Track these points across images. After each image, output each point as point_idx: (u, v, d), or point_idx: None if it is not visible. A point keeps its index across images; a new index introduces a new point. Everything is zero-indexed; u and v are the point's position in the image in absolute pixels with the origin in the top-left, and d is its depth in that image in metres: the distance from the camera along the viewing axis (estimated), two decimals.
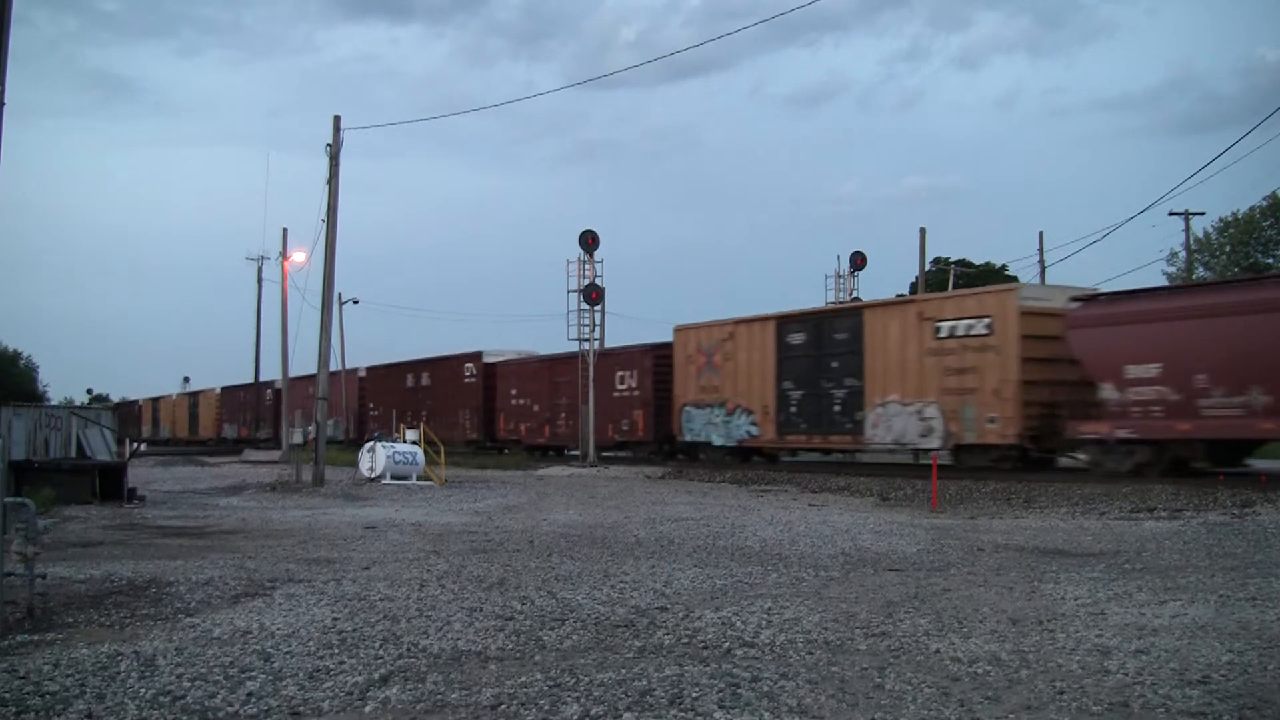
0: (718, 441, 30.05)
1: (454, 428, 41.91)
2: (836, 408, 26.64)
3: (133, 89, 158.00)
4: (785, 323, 28.38)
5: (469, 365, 42.36)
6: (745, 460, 29.91)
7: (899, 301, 28.67)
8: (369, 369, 51.43)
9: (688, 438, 31.36)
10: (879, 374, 25.36)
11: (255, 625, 7.62)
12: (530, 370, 39.32)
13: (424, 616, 7.95)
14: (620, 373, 34.18)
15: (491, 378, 40.99)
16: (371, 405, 49.82)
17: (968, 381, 23.13)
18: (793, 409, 27.87)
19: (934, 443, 23.78)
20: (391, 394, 48.04)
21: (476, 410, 41.56)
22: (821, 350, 27.02)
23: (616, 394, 34.17)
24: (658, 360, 32.96)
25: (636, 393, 33.65)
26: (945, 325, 23.75)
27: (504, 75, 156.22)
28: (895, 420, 24.84)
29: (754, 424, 28.90)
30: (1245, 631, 7.27)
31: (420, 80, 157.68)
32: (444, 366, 44.33)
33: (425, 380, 45.69)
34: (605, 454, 34.75)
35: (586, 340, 34.14)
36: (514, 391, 39.68)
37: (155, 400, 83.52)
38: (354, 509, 19.16)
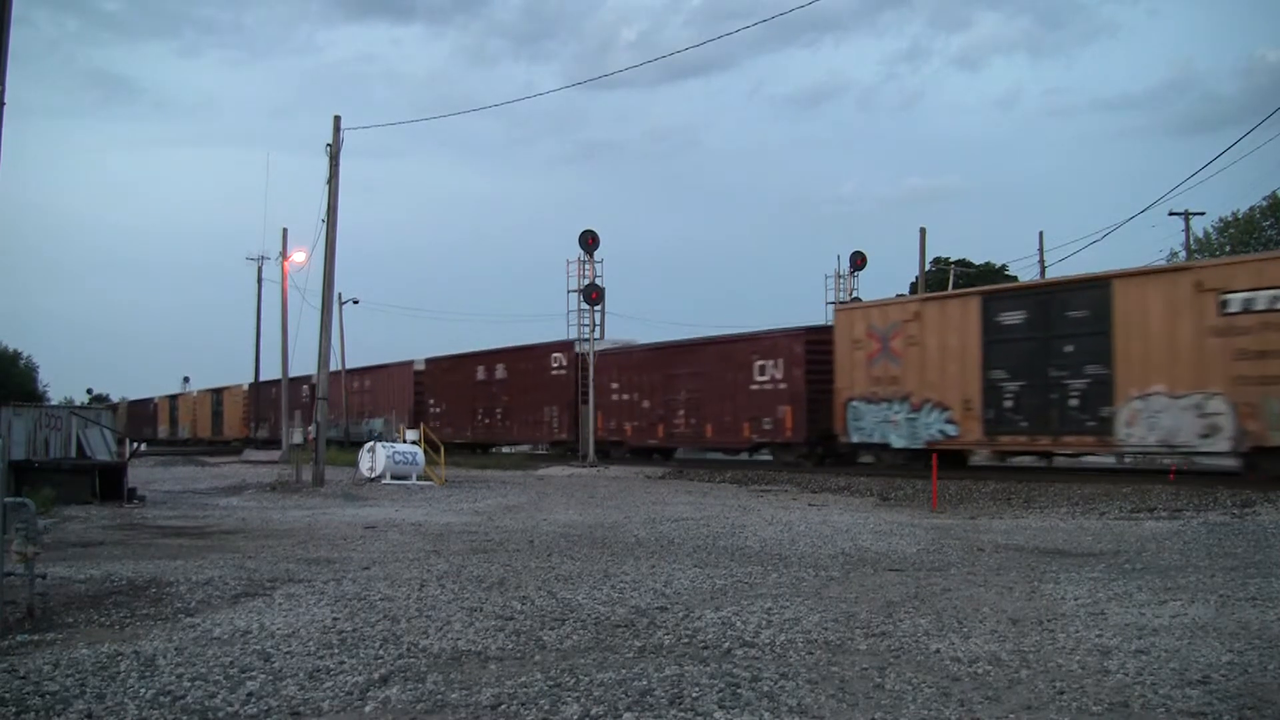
0: (898, 442, 25.04)
1: (537, 427, 38.08)
2: (1073, 402, 21.66)
3: (133, 89, 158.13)
4: (995, 299, 23.69)
5: (557, 355, 37.05)
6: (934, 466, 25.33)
7: (1165, 269, 24.14)
8: (428, 361, 46.00)
9: (855, 438, 26.34)
10: (1135, 359, 20.57)
11: (255, 625, 7.62)
12: (637, 360, 34.02)
13: (424, 616, 7.95)
14: (760, 361, 28.92)
15: (587, 369, 35.00)
16: (432, 402, 45.02)
17: (1271, 368, 18.53)
18: (1007, 403, 22.90)
19: (1220, 445, 19.38)
20: (456, 389, 43.16)
21: (567, 407, 36.34)
22: (1050, 331, 22.15)
23: (755, 386, 28.97)
24: (812, 346, 27.78)
25: (783, 385, 28.27)
26: (1236, 298, 19.10)
27: (505, 76, 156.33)
28: (1162, 417, 20.21)
29: (949, 421, 23.92)
30: (1245, 631, 7.27)
31: (421, 81, 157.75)
32: (525, 357, 39.08)
33: (500, 373, 40.44)
34: (738, 457, 31.46)
35: (586, 340, 34.16)
36: (615, 385, 34.15)
37: (173, 398, 79.62)
38: (354, 509, 19.16)
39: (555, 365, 37.35)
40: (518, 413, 39.32)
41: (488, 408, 41.18)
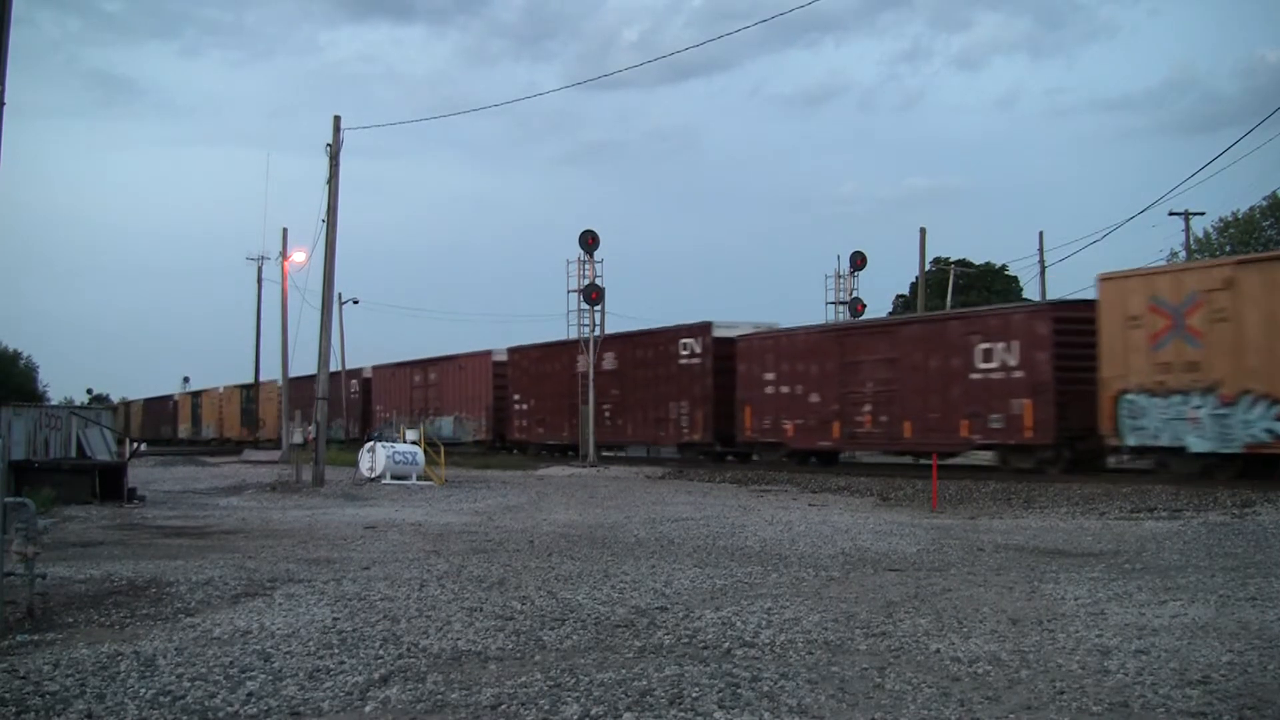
0: (1199, 446, 19.52)
1: (661, 425, 32.51)
2: None
3: (135, 89, 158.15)
4: None
5: (688, 341, 31.70)
6: (1242, 474, 19.04)
7: None
8: (512, 350, 40.52)
9: (1132, 440, 20.69)
10: None
11: (255, 625, 7.62)
12: (803, 345, 28.38)
13: (424, 616, 7.95)
14: (985, 344, 23.31)
15: (728, 358, 30.15)
16: (517, 398, 39.34)
17: None
18: None
19: None
20: (550, 383, 37.59)
21: (703, 402, 30.90)
22: None
23: (978, 375, 23.42)
24: (1062, 325, 22.21)
25: (1019, 373, 22.62)
26: None
27: (506, 76, 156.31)
28: None
29: None
30: (1245, 631, 7.27)
31: (422, 81, 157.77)
32: (642, 344, 33.62)
33: (608, 363, 34.65)
34: (956, 460, 25.30)
35: (586, 340, 34.16)
36: (770, 376, 28.64)
37: (195, 395, 73.40)
38: (354, 509, 19.16)
39: (685, 354, 31.79)
40: (633, 409, 33.58)
41: (594, 404, 35.35)
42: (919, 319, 27.05)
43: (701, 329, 31.44)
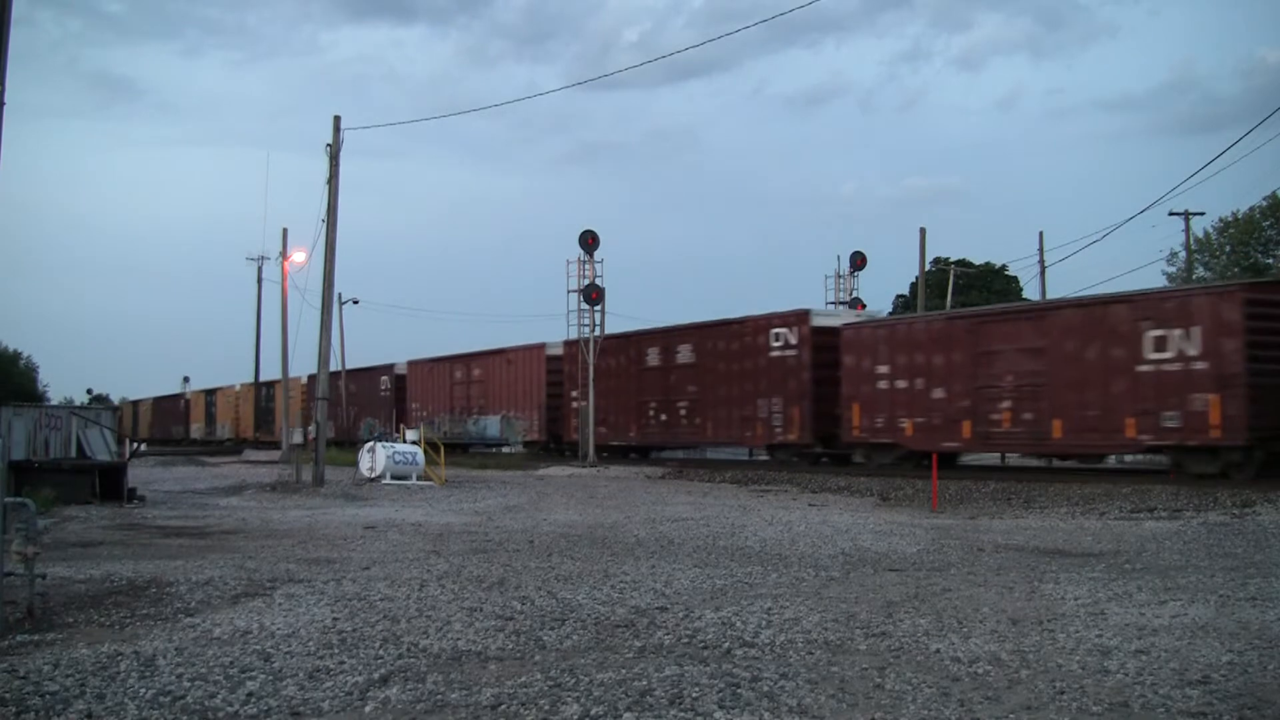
0: None
1: (746, 425, 29.31)
2: None
3: (135, 90, 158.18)
4: None
5: (781, 331, 28.48)
6: None
7: None
8: (569, 344, 36.56)
9: None
10: None
11: (255, 625, 7.62)
12: (923, 334, 25.05)
13: (424, 616, 7.95)
14: (1157, 331, 20.44)
15: (829, 350, 27.12)
16: (575, 395, 36.27)
17: None
18: None
19: None
20: (615, 378, 34.29)
21: (798, 398, 27.65)
22: None
23: (1148, 366, 20.45)
24: (1254, 308, 19.40)
25: (1200, 364, 19.62)
26: None
27: (506, 76, 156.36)
28: None
29: None
30: (1245, 631, 7.27)
31: (423, 82, 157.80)
32: (726, 334, 30.41)
33: (685, 356, 31.64)
34: (1119, 463, 24.22)
35: (586, 340, 34.14)
36: (884, 369, 25.50)
37: (209, 393, 68.87)
38: (354, 509, 19.16)
39: (777, 344, 28.53)
40: (711, 406, 30.59)
41: (665, 401, 32.20)
42: (1073, 302, 23.43)
43: (797, 317, 28.43)
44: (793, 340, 28.14)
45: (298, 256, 41.80)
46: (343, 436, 48.70)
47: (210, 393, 68.61)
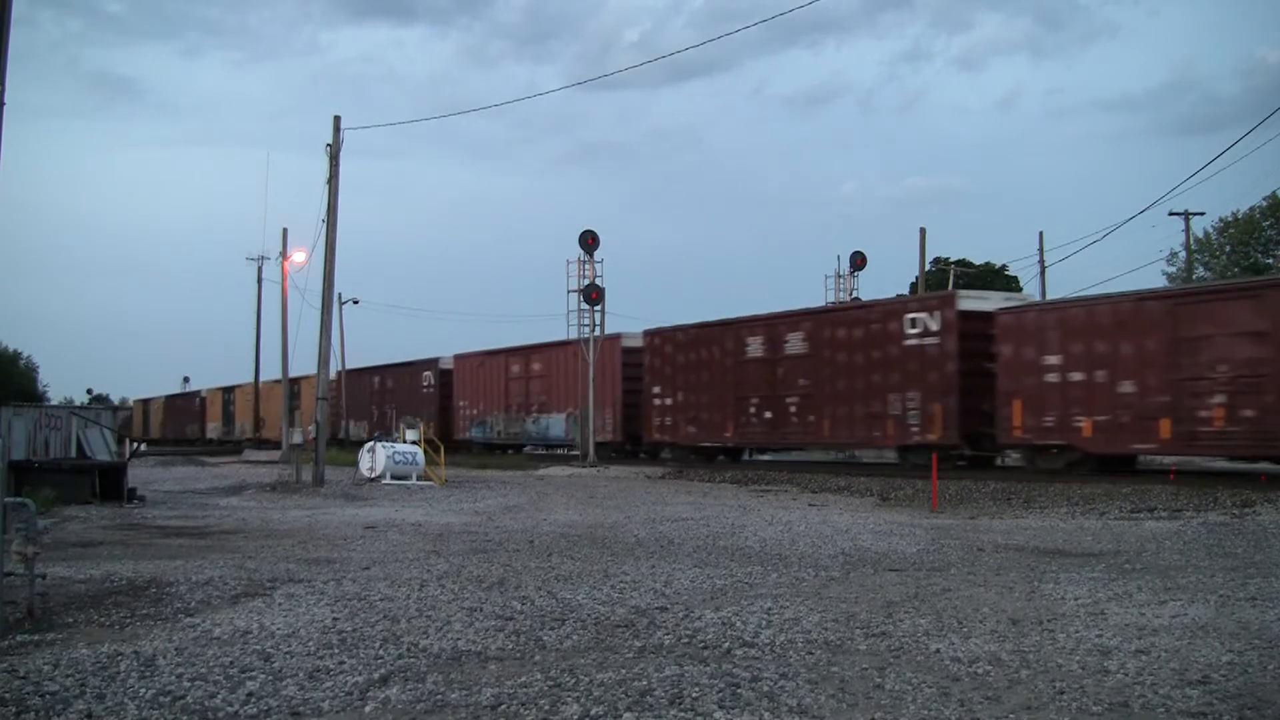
0: None
1: (874, 423, 25.84)
2: None
3: (136, 90, 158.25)
4: None
5: (919, 316, 24.82)
6: None
7: None
8: (650, 333, 33.53)
9: None
10: None
11: (255, 625, 7.62)
12: (1105, 318, 21.57)
13: (424, 616, 7.95)
14: None
15: (979, 338, 23.62)
16: (658, 390, 32.49)
17: None
18: None
19: None
20: (708, 371, 30.57)
21: (940, 393, 24.13)
22: None
23: None
24: None
25: None
26: None
27: (507, 77, 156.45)
28: None
29: None
30: (1245, 631, 7.27)
31: (423, 82, 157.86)
32: (849, 323, 26.94)
33: (794, 346, 27.79)
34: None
35: (586, 340, 34.13)
36: (1054, 360, 22.06)
37: (228, 390, 63.93)
38: (354, 509, 19.15)
39: (914, 331, 24.82)
40: (831, 403, 26.83)
41: (769, 397, 28.41)
42: None
43: (941, 301, 25.15)
44: (934, 326, 24.37)
45: (298, 256, 41.78)
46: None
47: (228, 390, 63.46)
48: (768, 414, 28.75)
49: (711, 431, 30.73)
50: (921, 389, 24.54)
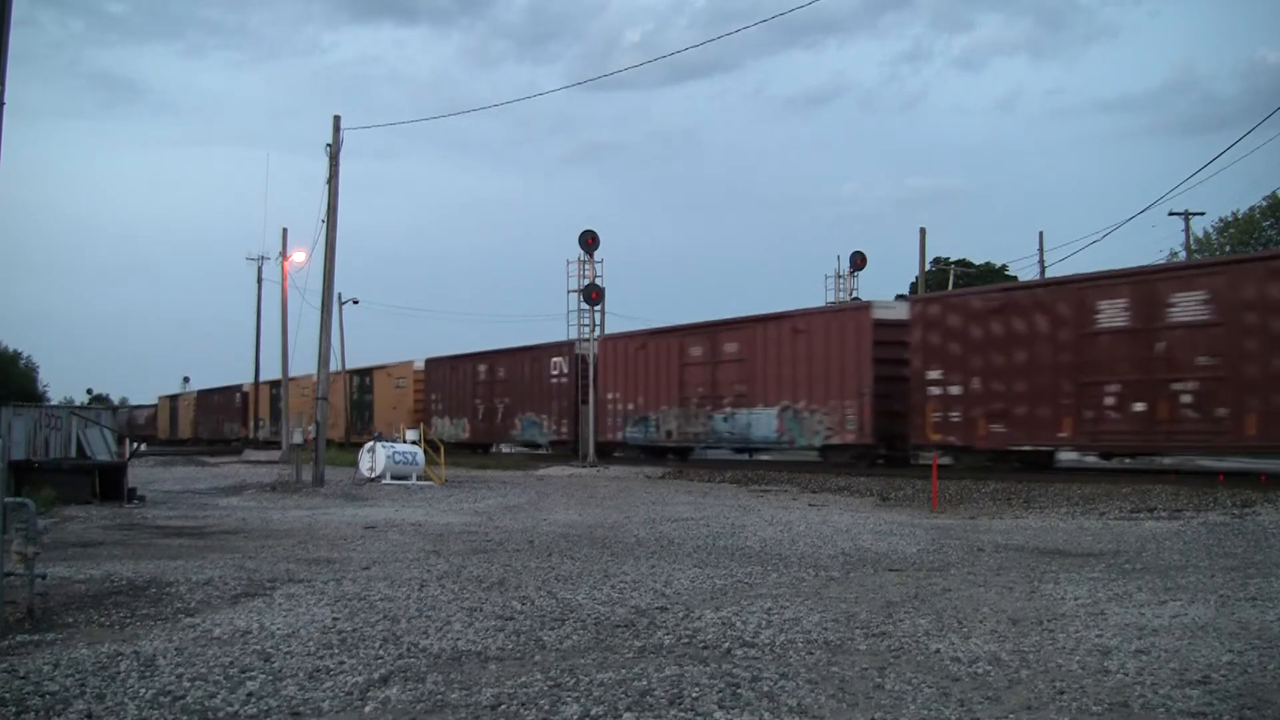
0: None
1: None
2: None
3: (138, 90, 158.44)
4: None
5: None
6: None
7: None
8: (921, 301, 26.10)
9: None
10: None
11: (255, 625, 7.62)
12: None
13: (424, 616, 7.95)
14: None
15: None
16: (937, 375, 24.08)
17: None
18: None
19: None
20: (1017, 349, 22.44)
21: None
22: None
23: None
24: None
25: None
26: None
27: (508, 77, 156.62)
28: None
29: None
30: (1245, 631, 7.27)
31: (425, 82, 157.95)
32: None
33: (1186, 311, 19.69)
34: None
35: (586, 340, 34.11)
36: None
37: (276, 385, 52.40)
38: (354, 509, 19.15)
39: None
40: (1247, 391, 18.81)
41: (1146, 384, 20.24)
42: None
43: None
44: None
45: (298, 256, 41.77)
46: (480, 438, 39.88)
47: (276, 385, 52.12)
48: (1137, 406, 20.46)
49: (1034, 430, 22.32)
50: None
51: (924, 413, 24.30)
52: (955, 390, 23.64)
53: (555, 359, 36.73)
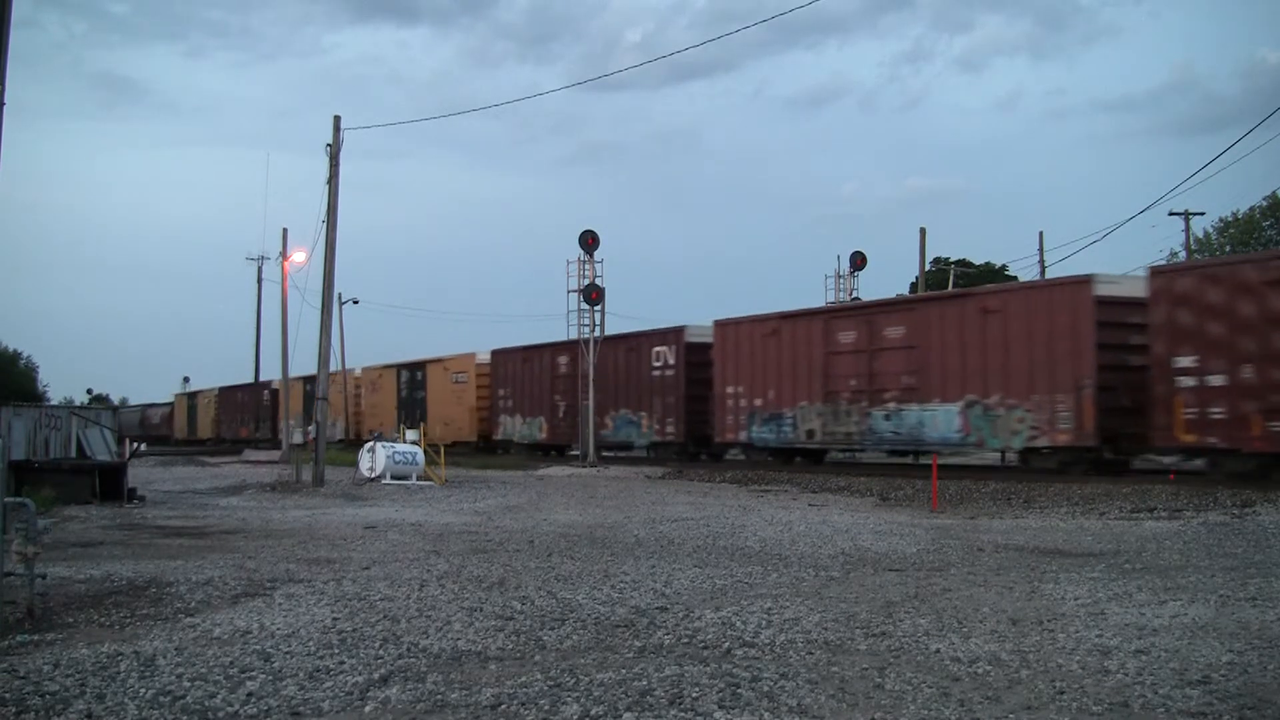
0: None
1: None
2: None
3: (139, 91, 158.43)
4: None
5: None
6: None
7: None
8: (1163, 273, 20.40)
9: None
10: None
11: (255, 625, 7.62)
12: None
13: (424, 616, 7.95)
14: None
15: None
16: (1191, 363, 18.70)
17: None
18: None
19: None
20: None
21: None
22: None
23: None
24: None
25: None
26: None
27: (509, 78, 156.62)
28: None
29: None
30: (1245, 631, 7.27)
31: (426, 83, 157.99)
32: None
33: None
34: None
35: (586, 340, 34.07)
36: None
37: (310, 381, 39.62)
38: (354, 509, 19.15)
39: None
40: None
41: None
42: None
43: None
44: None
45: (298, 256, 41.67)
46: (561, 439, 35.68)
47: (310, 381, 41.39)
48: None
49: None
50: None
51: (1171, 408, 19.15)
52: (1217, 380, 18.57)
53: (658, 348, 32.25)
